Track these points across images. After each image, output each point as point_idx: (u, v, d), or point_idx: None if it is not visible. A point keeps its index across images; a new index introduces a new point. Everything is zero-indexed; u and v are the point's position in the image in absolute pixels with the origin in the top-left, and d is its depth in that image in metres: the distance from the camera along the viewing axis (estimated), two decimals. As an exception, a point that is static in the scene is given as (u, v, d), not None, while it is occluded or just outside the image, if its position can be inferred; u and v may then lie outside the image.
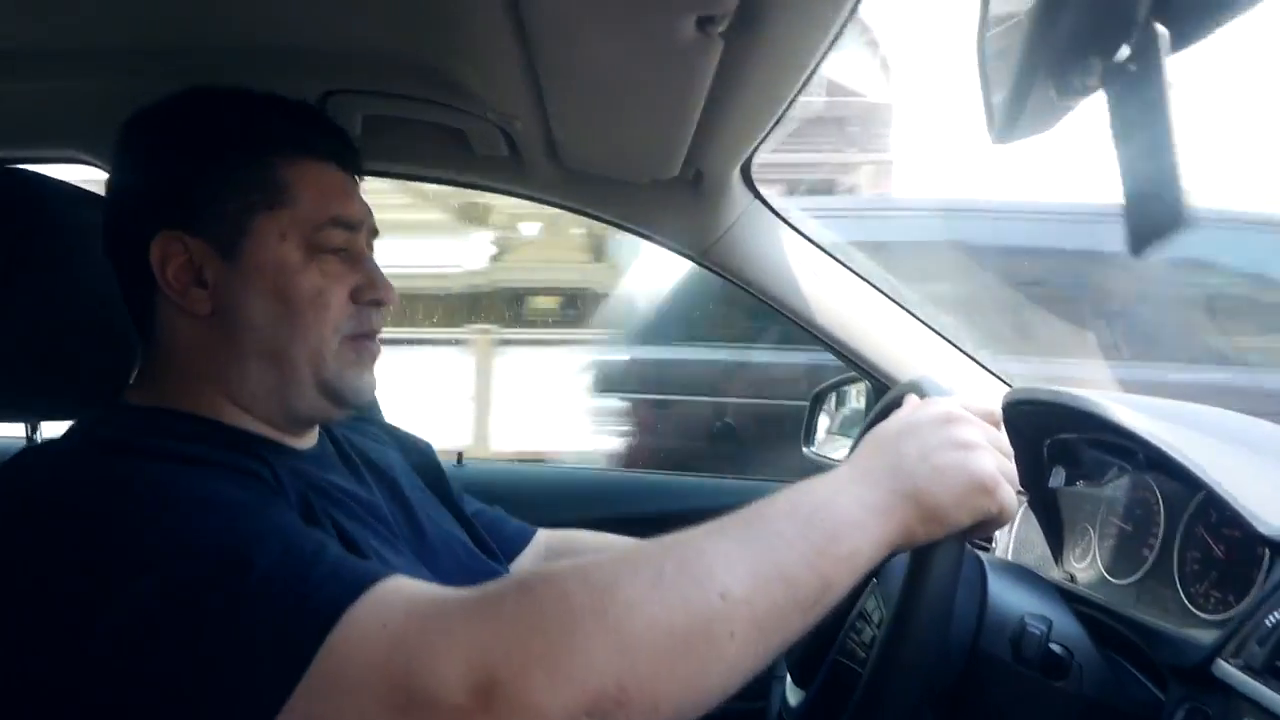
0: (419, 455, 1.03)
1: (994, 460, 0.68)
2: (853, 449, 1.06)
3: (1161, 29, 0.48)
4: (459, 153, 1.20)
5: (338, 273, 0.79)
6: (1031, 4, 0.47)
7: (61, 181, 0.93)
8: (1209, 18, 0.47)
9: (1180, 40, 0.48)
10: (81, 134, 1.18)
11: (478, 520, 1.04)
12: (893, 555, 0.65)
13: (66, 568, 0.58)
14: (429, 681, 0.52)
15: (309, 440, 0.85)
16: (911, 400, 0.78)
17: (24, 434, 1.07)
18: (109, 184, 0.83)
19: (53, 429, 1.06)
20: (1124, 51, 0.50)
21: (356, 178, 0.85)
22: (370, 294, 0.80)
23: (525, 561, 1.05)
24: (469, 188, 1.31)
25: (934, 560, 0.68)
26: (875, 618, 0.87)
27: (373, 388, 0.83)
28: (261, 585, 0.56)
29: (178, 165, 0.78)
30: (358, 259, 0.81)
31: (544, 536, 1.10)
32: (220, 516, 0.61)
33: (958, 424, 0.69)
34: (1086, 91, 0.50)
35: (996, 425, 0.72)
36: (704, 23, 0.74)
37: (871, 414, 0.96)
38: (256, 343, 0.76)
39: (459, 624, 0.54)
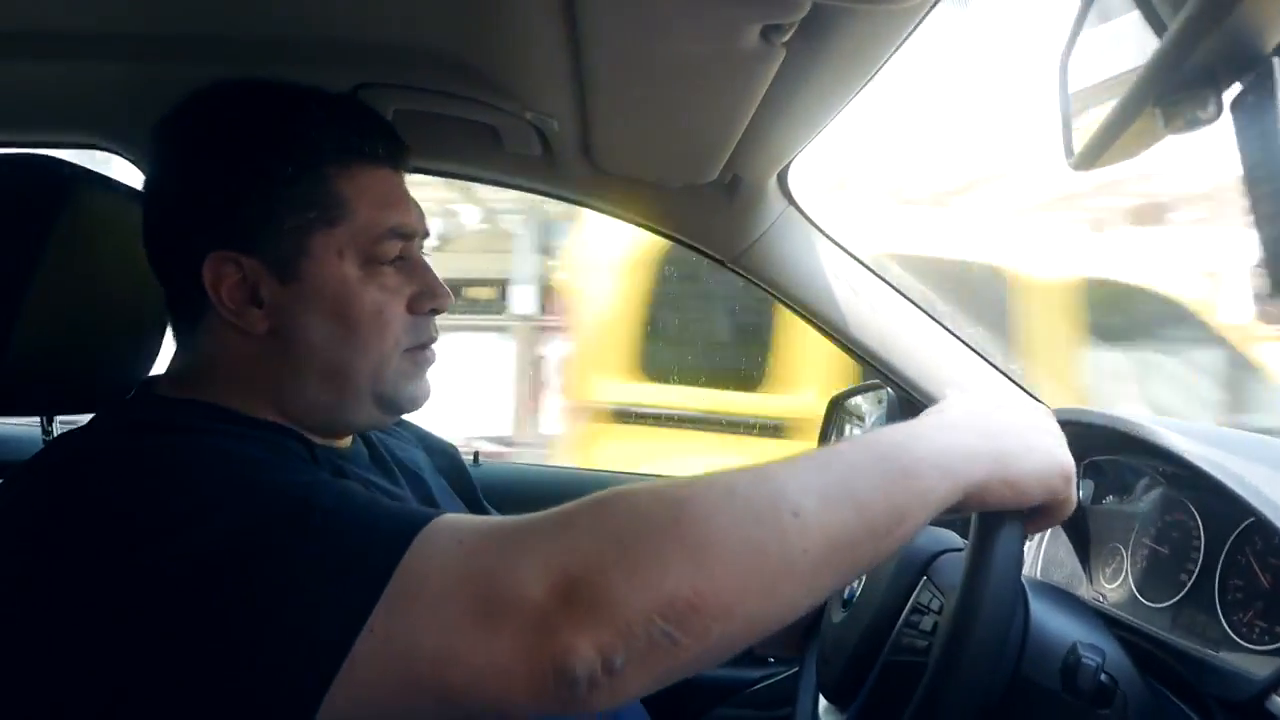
0: (444, 457, 1.02)
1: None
2: None
3: (1278, 62, 0.47)
4: (490, 149, 1.18)
5: (395, 285, 0.77)
6: (1157, 37, 0.46)
7: (84, 168, 0.90)
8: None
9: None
10: (105, 121, 1.15)
11: None
12: (962, 507, 0.66)
13: (134, 525, 0.58)
14: (510, 584, 0.53)
15: (345, 442, 0.84)
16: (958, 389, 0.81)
17: (39, 426, 1.05)
18: (148, 186, 0.80)
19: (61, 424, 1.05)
20: (1238, 85, 0.49)
21: (404, 175, 0.83)
22: (429, 303, 0.80)
23: None
24: (497, 185, 1.29)
25: (1001, 533, 0.69)
26: (934, 605, 0.86)
27: (427, 394, 0.82)
28: (331, 518, 0.57)
29: (228, 180, 0.75)
30: (415, 268, 0.80)
31: None
32: (272, 471, 0.63)
33: (1050, 419, 0.73)
34: (1198, 124, 0.49)
35: None
36: (769, 32, 0.72)
37: None
38: (316, 362, 0.75)
39: (535, 535, 0.56)
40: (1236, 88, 0.49)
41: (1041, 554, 1.14)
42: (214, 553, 0.55)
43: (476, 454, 1.48)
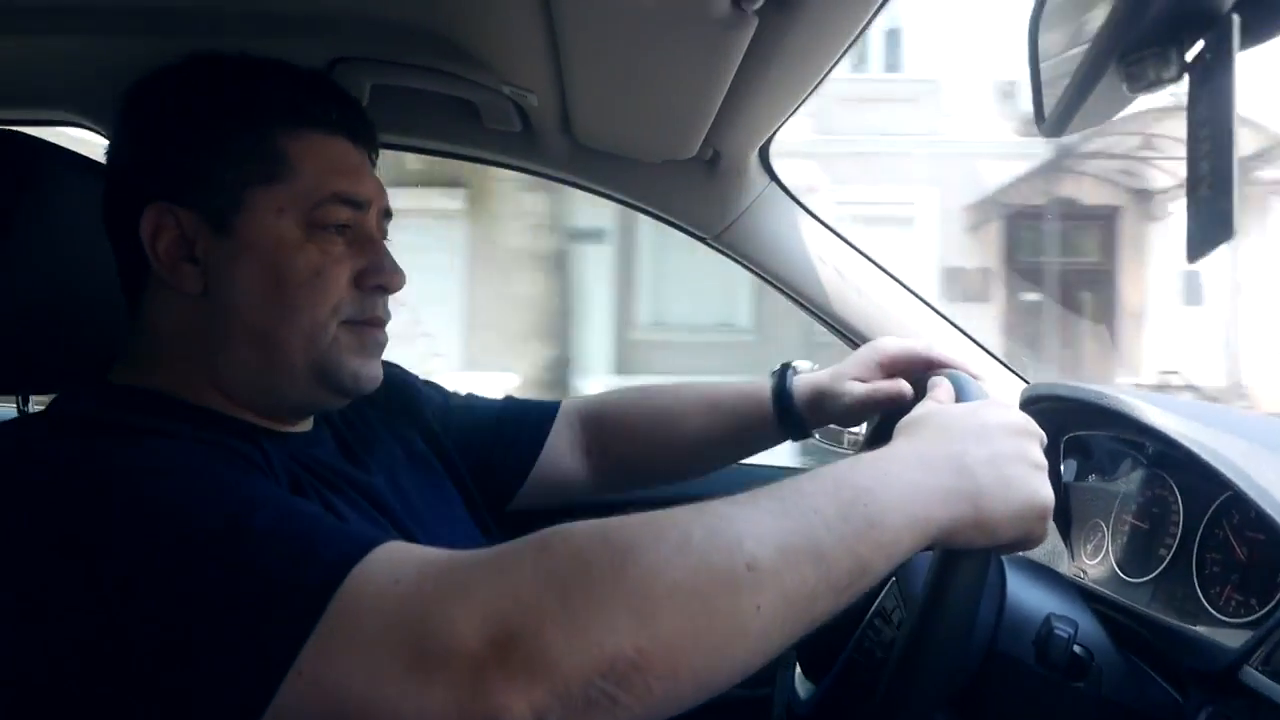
0: (403, 414, 0.99)
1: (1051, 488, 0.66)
2: (870, 436, 1.05)
3: (1237, 19, 0.46)
4: (469, 126, 1.17)
5: (340, 254, 0.75)
6: (1113, -6, 0.45)
7: (55, 145, 0.89)
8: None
9: (1256, 36, 0.47)
10: (79, 95, 1.14)
11: (500, 421, 1.05)
12: (930, 548, 0.63)
13: (54, 543, 0.55)
14: (444, 634, 0.50)
15: (303, 426, 0.82)
16: (943, 388, 0.75)
17: (15, 409, 1.05)
18: (108, 155, 0.79)
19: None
20: (1200, 44, 0.48)
21: (370, 154, 0.82)
22: (375, 279, 0.76)
23: (558, 439, 1.07)
24: (477, 162, 1.28)
25: (961, 569, 0.66)
26: (895, 618, 0.85)
27: (376, 377, 0.79)
28: (262, 543, 0.54)
29: (172, 134, 0.74)
30: (365, 241, 0.77)
31: (572, 406, 1.10)
32: (210, 484, 0.59)
33: (1032, 441, 0.66)
34: (1161, 84, 0.48)
35: (1043, 446, 0.69)
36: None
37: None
38: (246, 324, 0.73)
39: (475, 580, 0.53)
40: (1199, 45, 0.48)
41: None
42: (133, 580, 0.53)
43: None
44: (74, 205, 0.86)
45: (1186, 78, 0.49)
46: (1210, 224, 0.47)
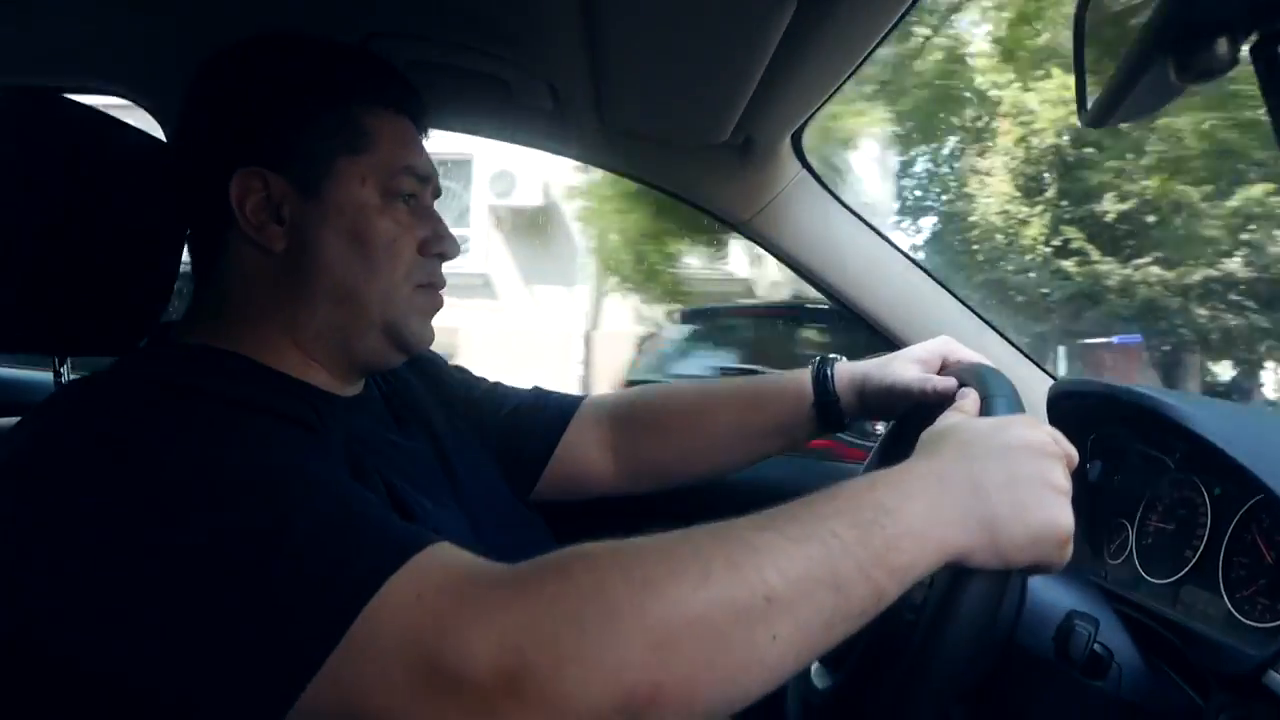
0: (449, 385, 1.03)
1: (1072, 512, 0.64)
2: (889, 437, 1.04)
3: None
4: (502, 106, 1.17)
5: (408, 223, 0.81)
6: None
7: (104, 112, 0.90)
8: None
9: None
10: (121, 69, 1.15)
11: (518, 412, 1.05)
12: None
13: (106, 506, 0.56)
14: (457, 659, 0.51)
15: (355, 388, 0.85)
16: (970, 399, 0.75)
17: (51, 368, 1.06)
18: (184, 115, 0.82)
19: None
20: (1254, 35, 0.47)
21: (423, 134, 0.86)
22: (437, 246, 0.82)
23: (579, 435, 1.06)
24: (507, 141, 1.28)
25: (973, 585, 0.64)
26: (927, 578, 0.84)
27: (432, 337, 0.85)
28: (303, 545, 0.55)
29: (261, 104, 0.78)
30: (426, 212, 0.83)
31: (599, 403, 1.09)
32: (267, 470, 0.60)
33: (1054, 463, 0.65)
34: (1214, 74, 0.47)
35: (1073, 466, 0.68)
36: (781, -20, 0.71)
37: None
38: (328, 282, 0.77)
39: (494, 604, 0.53)
40: (1254, 36, 0.47)
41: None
42: (183, 560, 0.54)
43: None
44: (123, 171, 0.88)
45: (1254, 67, 0.47)
46: None
